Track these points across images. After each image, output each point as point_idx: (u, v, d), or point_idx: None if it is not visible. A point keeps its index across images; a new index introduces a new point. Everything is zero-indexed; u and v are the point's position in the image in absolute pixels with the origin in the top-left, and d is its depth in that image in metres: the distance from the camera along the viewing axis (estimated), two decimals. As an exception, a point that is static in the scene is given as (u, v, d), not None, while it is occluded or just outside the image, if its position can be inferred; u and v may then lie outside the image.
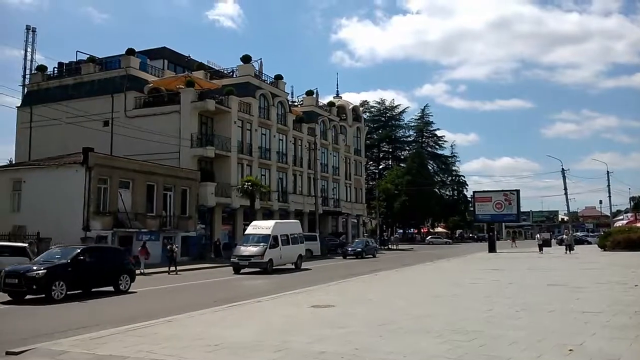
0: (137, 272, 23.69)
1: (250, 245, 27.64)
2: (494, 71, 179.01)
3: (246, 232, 30.19)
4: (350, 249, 42.93)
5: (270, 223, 30.29)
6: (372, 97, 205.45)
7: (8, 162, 49.27)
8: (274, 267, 27.43)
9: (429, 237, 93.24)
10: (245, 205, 41.11)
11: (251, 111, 45.40)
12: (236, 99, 43.44)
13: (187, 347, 8.49)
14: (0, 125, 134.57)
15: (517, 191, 48.11)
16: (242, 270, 27.21)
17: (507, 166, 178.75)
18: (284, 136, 50.58)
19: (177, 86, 43.00)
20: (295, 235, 30.72)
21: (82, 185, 29.99)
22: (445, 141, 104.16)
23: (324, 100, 66.00)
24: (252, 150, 45.29)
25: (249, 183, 38.97)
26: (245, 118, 44.76)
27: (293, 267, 29.82)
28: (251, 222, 41.36)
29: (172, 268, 27.65)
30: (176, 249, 29.74)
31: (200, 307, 13.56)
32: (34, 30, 59.83)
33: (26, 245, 22.50)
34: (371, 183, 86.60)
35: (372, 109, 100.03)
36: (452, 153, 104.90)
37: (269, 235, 27.79)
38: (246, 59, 47.42)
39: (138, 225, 32.71)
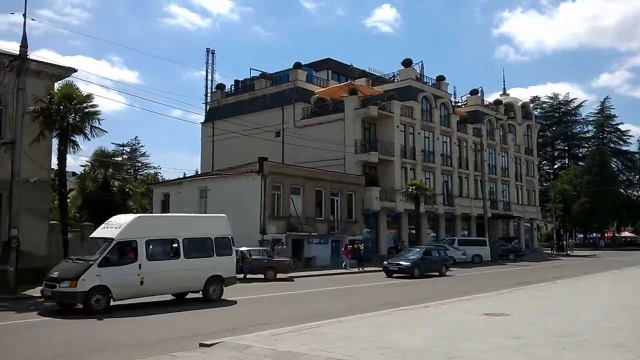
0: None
1: (75, 261, 15.71)
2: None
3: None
4: (396, 262, 28.45)
5: (127, 218, 16.70)
6: (542, 91, 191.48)
7: (195, 172, 54.85)
8: (117, 301, 15.02)
9: None
10: (410, 209, 40.96)
11: (413, 115, 45.19)
12: (398, 103, 43.58)
13: (359, 348, 8.70)
14: (188, 139, 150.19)
15: None
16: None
17: None
18: (448, 138, 49.49)
19: (341, 95, 44.39)
20: (207, 241, 17.33)
21: (259, 192, 32.30)
22: (630, 136, 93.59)
23: (490, 98, 63.57)
24: (415, 154, 45.00)
25: (414, 187, 38.75)
26: (408, 122, 44.67)
27: (212, 296, 17.03)
28: (416, 226, 41.62)
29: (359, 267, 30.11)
30: (362, 247, 32.78)
31: (369, 309, 13.82)
32: (213, 52, 65.83)
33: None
34: (545, 184, 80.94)
35: (543, 105, 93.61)
36: (639, 149, 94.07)
37: (112, 240, 15.12)
38: (407, 63, 47.34)
39: (309, 229, 34.31)
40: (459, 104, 58.10)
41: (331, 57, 54.05)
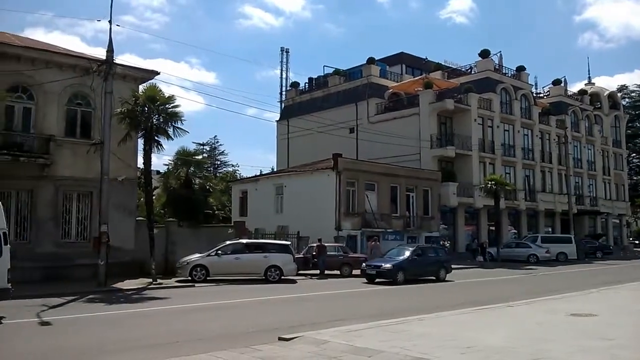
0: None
1: None
2: None
3: None
4: (375, 264, 23.13)
5: None
6: (630, 79, 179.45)
7: (271, 169, 55.95)
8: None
9: None
10: (489, 205, 39.81)
11: (492, 107, 43.84)
12: (475, 95, 42.43)
13: (439, 346, 8.55)
14: (264, 137, 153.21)
15: None
16: None
17: None
18: (529, 131, 47.63)
19: (416, 89, 43.79)
20: None
21: (333, 188, 32.49)
22: None
23: (574, 88, 60.50)
24: (495, 148, 43.64)
25: (493, 182, 37.59)
26: (486, 115, 43.39)
27: None
28: (495, 222, 40.38)
29: None
30: (447, 244, 33.72)
31: (449, 307, 13.57)
32: (287, 51, 66.85)
33: (289, 242, 25.22)
34: (635, 178, 76.09)
35: (632, 94, 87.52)
36: None
37: None
38: (484, 54, 46.01)
39: (384, 226, 34.14)
40: (541, 95, 55.85)
41: (405, 51, 53.53)
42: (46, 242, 21.37)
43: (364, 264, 23.89)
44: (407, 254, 23.67)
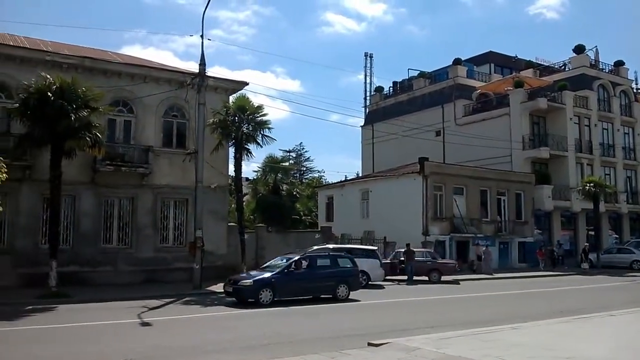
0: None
1: None
2: None
3: None
4: (234, 279, 17.22)
5: None
6: None
7: (356, 174, 56.02)
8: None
9: None
10: (588, 208, 37.59)
11: (588, 105, 41.48)
12: (570, 93, 40.32)
13: (535, 356, 8.21)
14: (348, 143, 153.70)
15: None
16: None
17: None
18: (630, 129, 44.56)
19: (505, 88, 42.28)
20: None
21: (420, 193, 32.01)
22: None
23: (680, 82, 55.83)
24: (592, 148, 41.22)
25: (591, 184, 35.48)
26: (582, 113, 41.11)
27: None
28: (595, 226, 38.12)
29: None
30: (556, 250, 33.56)
31: (545, 316, 13.00)
32: (371, 56, 66.89)
33: (376, 248, 25.15)
34: None
35: None
36: None
37: None
38: (579, 49, 43.64)
39: (474, 231, 33.16)
40: (643, 91, 52.15)
41: (493, 49, 51.76)
42: (146, 247, 22.66)
43: (228, 278, 17.81)
44: (281, 266, 17.51)
